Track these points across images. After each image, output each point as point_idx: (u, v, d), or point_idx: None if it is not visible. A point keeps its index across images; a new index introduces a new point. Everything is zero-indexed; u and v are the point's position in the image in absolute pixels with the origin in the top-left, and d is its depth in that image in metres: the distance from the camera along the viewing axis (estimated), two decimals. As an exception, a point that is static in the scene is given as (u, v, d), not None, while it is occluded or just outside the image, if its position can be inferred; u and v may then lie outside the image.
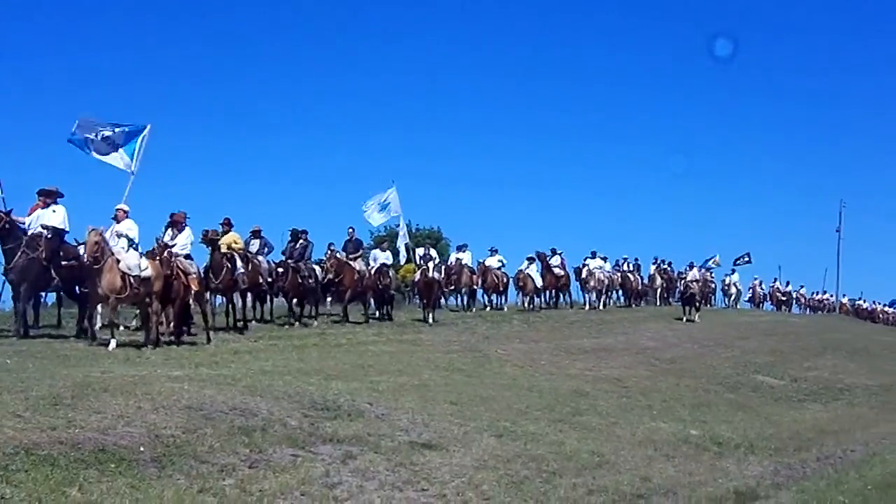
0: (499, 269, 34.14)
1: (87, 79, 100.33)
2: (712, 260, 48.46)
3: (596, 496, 10.16)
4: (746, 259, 52.49)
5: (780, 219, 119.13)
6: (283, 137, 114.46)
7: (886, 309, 66.33)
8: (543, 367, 21.54)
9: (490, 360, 21.36)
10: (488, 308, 33.47)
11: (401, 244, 33.92)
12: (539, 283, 34.51)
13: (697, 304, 37.28)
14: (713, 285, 48.50)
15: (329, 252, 25.67)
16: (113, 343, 16.45)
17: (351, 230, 27.00)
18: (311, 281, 23.88)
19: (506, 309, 33.89)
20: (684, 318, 35.84)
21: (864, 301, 66.40)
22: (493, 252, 34.82)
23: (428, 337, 23.84)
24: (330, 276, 24.73)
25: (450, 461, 10.86)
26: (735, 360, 28.15)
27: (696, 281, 37.46)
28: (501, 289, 34.54)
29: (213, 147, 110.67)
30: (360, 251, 26.94)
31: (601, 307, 37.46)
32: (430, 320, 26.70)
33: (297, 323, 23.60)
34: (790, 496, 11.24)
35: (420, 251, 31.32)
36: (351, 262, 25.48)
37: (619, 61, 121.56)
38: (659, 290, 42.48)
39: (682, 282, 37.75)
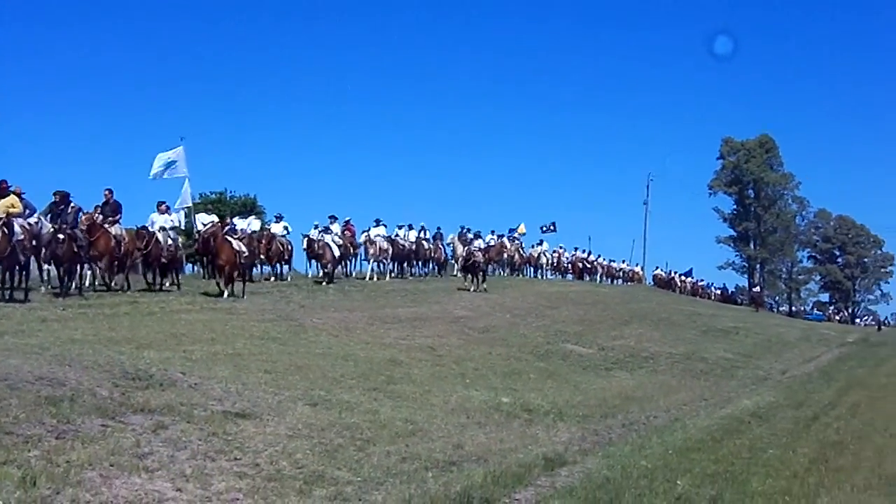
0: (283, 236, 32.84)
1: None
2: (518, 229, 49.50)
3: (409, 463, 10.35)
4: (552, 228, 53.79)
5: (590, 190, 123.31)
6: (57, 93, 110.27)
7: (684, 278, 69.13)
8: (358, 336, 21.65)
9: (305, 329, 21.32)
10: (272, 279, 32.10)
11: (180, 206, 30.52)
12: (337, 252, 32.99)
13: (483, 273, 36.54)
14: (524, 254, 49.47)
15: (90, 214, 23.42)
16: None
17: (108, 192, 24.77)
18: (82, 250, 22.15)
19: (289, 279, 32.67)
20: (471, 289, 35.22)
21: (661, 270, 69.15)
22: (279, 219, 33.86)
23: (242, 305, 23.58)
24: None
25: (264, 430, 10.88)
26: (546, 329, 29.00)
27: (481, 250, 36.93)
28: (287, 257, 33.25)
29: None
30: (119, 215, 24.62)
31: (387, 277, 36.76)
32: (242, 294, 25.35)
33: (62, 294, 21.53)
34: (596, 461, 11.69)
35: (207, 218, 28.98)
36: (106, 226, 23.47)
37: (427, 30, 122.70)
38: (460, 261, 41.42)
39: (466, 250, 36.65)
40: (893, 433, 14.85)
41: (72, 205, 22.20)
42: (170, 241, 26.18)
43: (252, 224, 31.88)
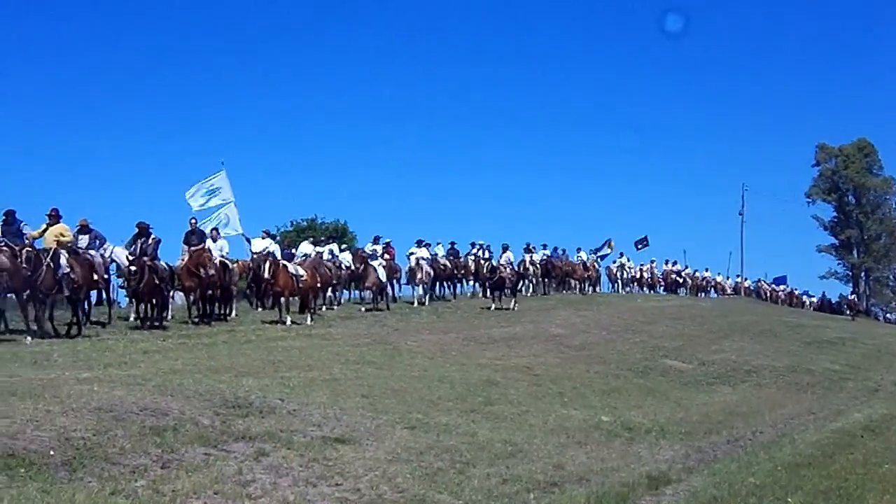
0: (330, 260, 30.86)
1: None
2: (606, 244, 48.96)
3: (510, 485, 10.25)
4: (645, 243, 53.39)
5: (683, 202, 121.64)
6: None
7: (776, 287, 67.19)
8: (454, 358, 21.62)
9: (400, 352, 21.37)
10: (325, 308, 29.35)
11: (226, 230, 29.05)
12: (384, 276, 30.92)
13: (509, 290, 34.32)
14: (598, 270, 48.36)
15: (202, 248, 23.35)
16: None
17: (193, 221, 24.99)
18: (164, 282, 22.23)
19: (335, 308, 30.59)
20: (493, 307, 33.42)
21: (747, 280, 67.51)
22: (327, 241, 32.89)
23: (337, 331, 23.75)
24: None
25: (363, 455, 10.88)
26: (643, 345, 28.64)
27: (505, 265, 34.46)
28: (334, 282, 30.91)
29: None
30: (204, 243, 24.16)
31: (426, 302, 33.58)
32: (310, 320, 24.86)
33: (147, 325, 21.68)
34: (702, 479, 11.44)
35: (262, 244, 27.76)
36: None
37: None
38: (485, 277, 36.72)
39: (488, 266, 35.14)
40: None
41: (152, 236, 22.24)
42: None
43: (328, 251, 31.07)
